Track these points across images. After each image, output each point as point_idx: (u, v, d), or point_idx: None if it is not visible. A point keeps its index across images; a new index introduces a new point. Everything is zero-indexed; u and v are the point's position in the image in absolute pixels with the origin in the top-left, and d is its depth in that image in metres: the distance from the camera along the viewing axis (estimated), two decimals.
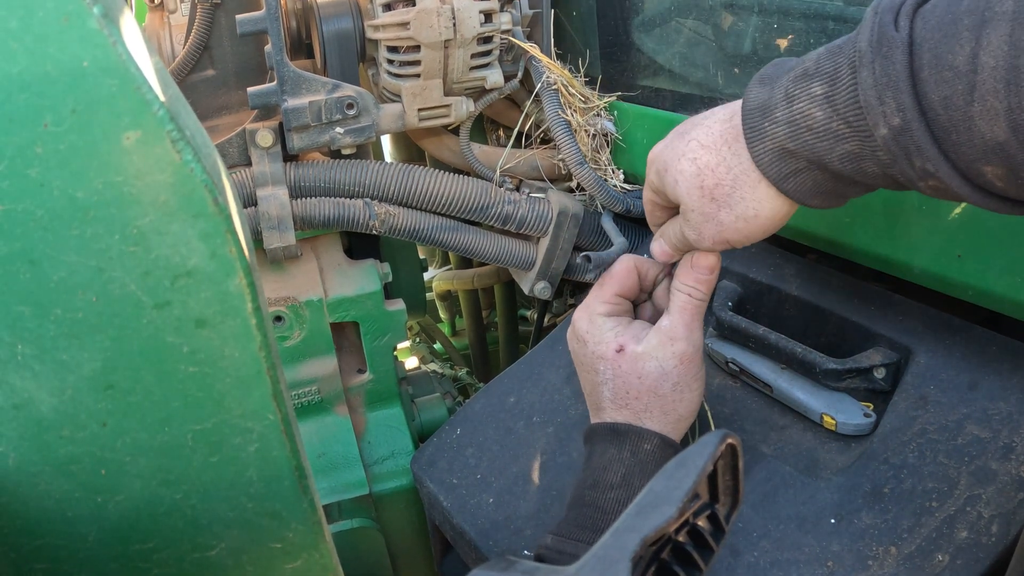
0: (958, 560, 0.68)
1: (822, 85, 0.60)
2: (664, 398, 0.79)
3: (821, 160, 0.62)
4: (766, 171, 0.65)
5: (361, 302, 1.20)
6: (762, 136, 0.64)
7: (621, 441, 0.78)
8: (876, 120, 0.56)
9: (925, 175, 0.56)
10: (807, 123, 0.61)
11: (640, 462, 0.76)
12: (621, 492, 0.75)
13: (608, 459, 0.78)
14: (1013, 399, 0.74)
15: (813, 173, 0.64)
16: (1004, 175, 0.53)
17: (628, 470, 0.76)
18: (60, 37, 0.46)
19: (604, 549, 0.50)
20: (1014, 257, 0.71)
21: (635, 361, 0.80)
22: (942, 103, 0.53)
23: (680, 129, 0.73)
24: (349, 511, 1.21)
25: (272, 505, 0.64)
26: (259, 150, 1.12)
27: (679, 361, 0.79)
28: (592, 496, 0.76)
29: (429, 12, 1.06)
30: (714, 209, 0.69)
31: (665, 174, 0.72)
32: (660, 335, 0.80)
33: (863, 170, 0.61)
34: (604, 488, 0.76)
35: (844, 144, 0.60)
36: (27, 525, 0.59)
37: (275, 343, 0.60)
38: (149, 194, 0.50)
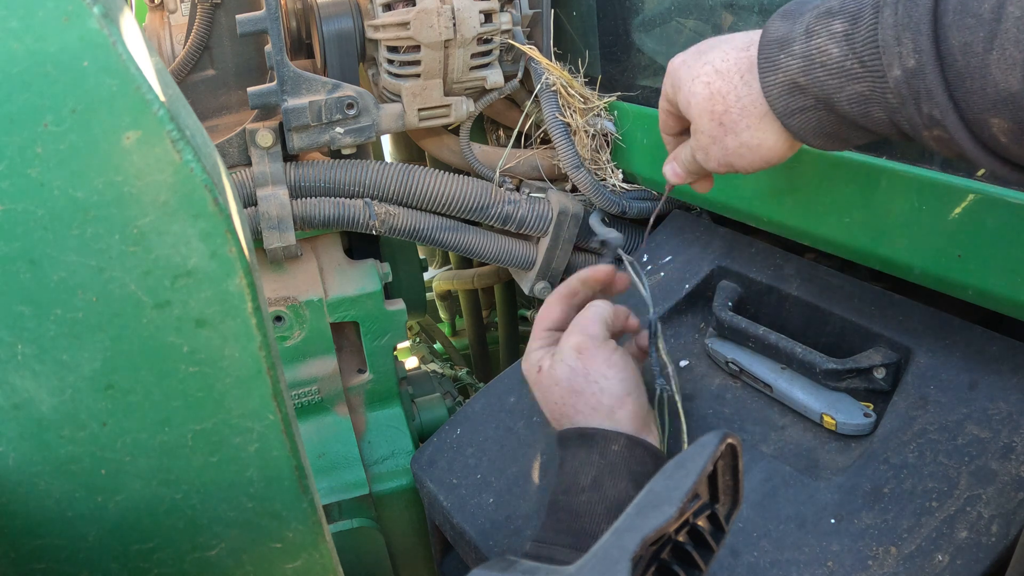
0: (958, 560, 0.68)
1: (843, 23, 0.60)
2: (582, 394, 0.81)
3: (830, 99, 0.62)
4: (774, 104, 0.66)
5: (361, 302, 1.20)
6: (775, 68, 0.65)
7: (590, 445, 0.79)
8: (891, 60, 0.56)
9: (931, 123, 0.56)
10: (822, 59, 0.61)
11: (609, 463, 0.77)
12: (592, 494, 0.76)
13: (579, 463, 0.78)
14: (1013, 399, 0.74)
15: (819, 112, 0.64)
16: (1010, 129, 0.53)
17: (598, 472, 0.77)
18: (60, 37, 0.46)
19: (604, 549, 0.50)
20: (1014, 257, 0.71)
21: (550, 372, 0.84)
22: (961, 48, 0.53)
23: (700, 47, 0.73)
24: (349, 511, 1.21)
25: (272, 505, 0.64)
26: (259, 150, 1.12)
27: (577, 352, 0.82)
28: (565, 500, 0.77)
29: (429, 12, 1.06)
30: (721, 133, 0.71)
31: (679, 91, 0.74)
32: (563, 338, 0.85)
33: (869, 114, 0.61)
34: (576, 492, 0.77)
35: (855, 84, 0.60)
36: (27, 525, 0.59)
37: (275, 343, 0.60)
38: (149, 194, 0.50)
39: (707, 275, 1.03)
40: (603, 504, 0.74)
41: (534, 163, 1.25)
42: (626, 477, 0.75)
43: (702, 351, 1.00)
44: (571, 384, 0.81)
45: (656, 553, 0.58)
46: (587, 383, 0.81)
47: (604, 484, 0.76)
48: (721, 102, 0.69)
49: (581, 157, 1.15)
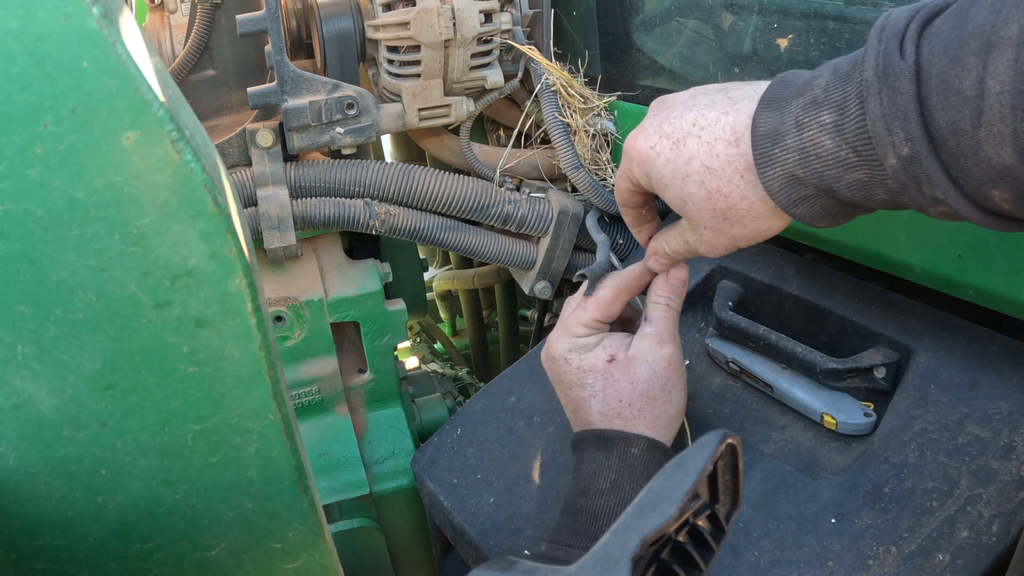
0: (958, 560, 0.68)
1: (831, 114, 0.60)
2: (655, 401, 0.80)
3: (830, 188, 0.62)
4: (776, 196, 0.66)
5: (361, 302, 1.20)
6: (772, 163, 0.64)
7: (609, 447, 0.79)
8: (885, 150, 0.57)
9: (935, 202, 0.57)
10: (816, 151, 0.61)
11: (629, 467, 0.77)
12: (612, 497, 0.76)
13: (597, 465, 0.78)
14: (1014, 398, 0.74)
15: (822, 199, 0.64)
16: (1011, 199, 0.54)
17: (618, 475, 0.77)
18: (60, 37, 0.46)
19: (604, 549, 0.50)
20: (1014, 257, 0.71)
21: (627, 367, 0.81)
22: (950, 128, 0.53)
23: (669, 132, 0.71)
24: (349, 511, 1.21)
25: (272, 505, 0.64)
26: (259, 150, 1.12)
27: (668, 363, 0.81)
28: (584, 503, 0.77)
29: (429, 12, 1.06)
30: (727, 227, 0.70)
31: (665, 188, 0.72)
32: (648, 340, 0.82)
33: (872, 197, 0.61)
34: (595, 494, 0.76)
35: (853, 172, 0.60)
36: (27, 525, 0.59)
37: (275, 343, 0.60)
38: (149, 194, 0.50)
39: (707, 275, 1.03)
40: (623, 507, 0.74)
41: (534, 163, 1.25)
42: (646, 480, 0.74)
43: (702, 351, 1.00)
44: (647, 389, 0.80)
45: (656, 553, 0.58)
46: (663, 393, 0.81)
47: (624, 488, 0.76)
48: (723, 200, 0.68)
49: (581, 157, 1.15)
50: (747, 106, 0.67)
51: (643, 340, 0.82)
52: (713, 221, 0.70)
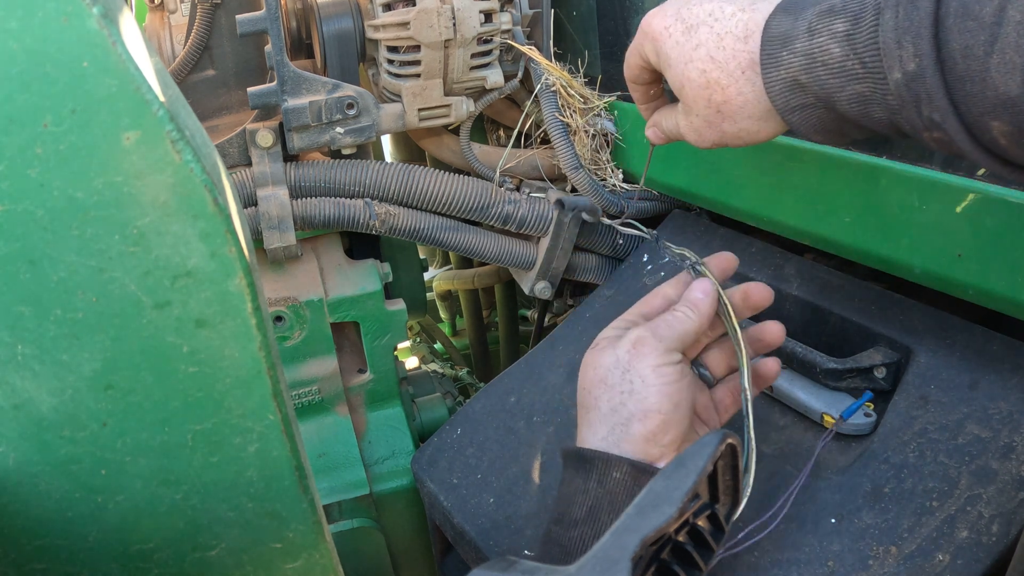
0: (958, 560, 0.68)
1: (845, 23, 0.60)
2: (612, 389, 0.71)
3: (830, 98, 0.62)
4: (775, 100, 0.66)
5: (361, 302, 1.20)
6: (777, 65, 0.65)
7: (588, 469, 0.70)
8: (892, 63, 0.57)
9: (931, 125, 0.57)
10: (823, 58, 0.61)
11: (608, 492, 0.68)
12: (586, 529, 0.68)
13: (574, 490, 0.70)
14: (1013, 398, 0.74)
15: (820, 110, 0.64)
16: (1010, 132, 0.53)
17: (595, 503, 0.68)
18: (60, 37, 0.46)
19: (604, 549, 0.51)
20: (1014, 257, 0.71)
21: (598, 353, 0.74)
22: (961, 52, 0.53)
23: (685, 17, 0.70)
24: (349, 511, 1.21)
25: (272, 505, 0.64)
26: (259, 150, 1.12)
27: (632, 345, 0.72)
28: (557, 532, 0.70)
29: (429, 12, 1.06)
30: (718, 120, 0.70)
31: (668, 68, 0.72)
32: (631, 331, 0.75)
33: (869, 114, 0.61)
34: (568, 524, 0.69)
35: (856, 84, 0.60)
36: (27, 525, 0.59)
37: (275, 343, 0.60)
38: (149, 194, 0.50)
39: None
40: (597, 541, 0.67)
41: (534, 163, 1.25)
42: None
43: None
44: (606, 374, 0.72)
45: (656, 553, 0.58)
46: (621, 379, 0.71)
47: (600, 517, 0.68)
48: (720, 92, 0.69)
49: (581, 157, 1.15)
50: (765, 7, 0.67)
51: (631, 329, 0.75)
52: (706, 111, 0.70)
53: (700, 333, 0.76)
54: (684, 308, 0.75)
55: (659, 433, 0.69)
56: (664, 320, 0.74)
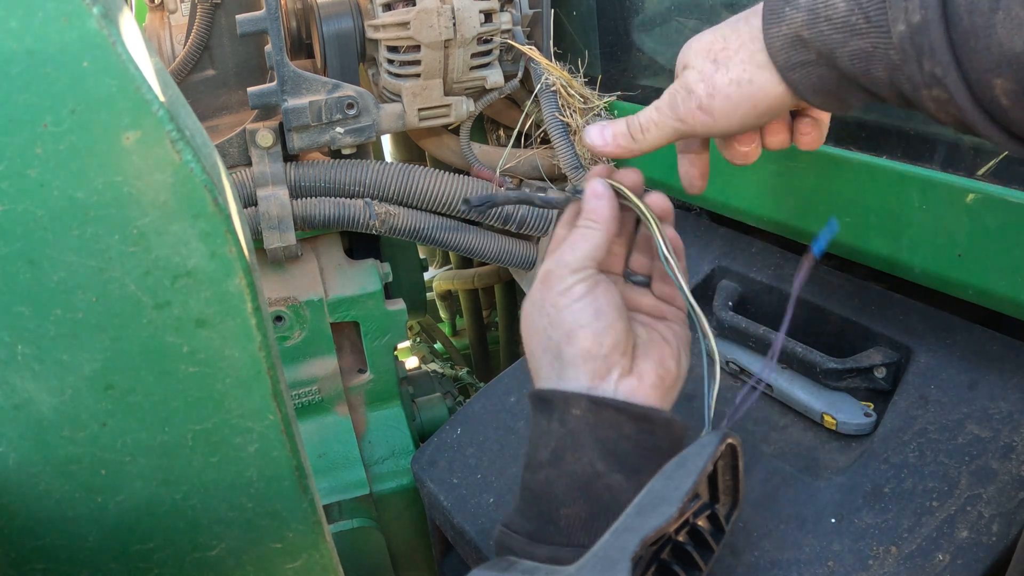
0: (959, 560, 0.68)
1: None
2: (537, 330, 0.71)
3: (832, 54, 0.61)
4: (776, 56, 0.64)
5: (361, 302, 1.21)
6: (780, 19, 0.63)
7: (549, 410, 0.68)
8: (897, 15, 0.56)
9: (932, 81, 0.56)
10: (827, 13, 0.60)
11: (570, 432, 0.66)
12: (551, 471, 0.67)
13: (539, 433, 0.69)
14: (1013, 398, 0.74)
15: (820, 68, 0.63)
16: (1012, 91, 0.53)
17: (558, 443, 0.67)
18: (60, 37, 0.46)
19: (604, 549, 0.51)
20: (1015, 257, 0.71)
21: (524, 306, 0.73)
22: (967, 7, 0.53)
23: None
24: (349, 511, 1.21)
25: (272, 505, 0.64)
26: (259, 150, 1.12)
27: (540, 283, 0.71)
28: (527, 478, 0.69)
29: (429, 12, 1.06)
30: (712, 70, 0.66)
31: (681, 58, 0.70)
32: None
33: (870, 72, 0.60)
34: (535, 467, 0.68)
35: (858, 40, 0.59)
36: (27, 525, 0.59)
37: (275, 343, 0.60)
38: (149, 194, 0.50)
39: (707, 275, 1.03)
40: (563, 481, 0.66)
41: (534, 163, 1.25)
42: (591, 446, 0.66)
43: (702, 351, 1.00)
44: (530, 320, 0.71)
45: (656, 553, 0.58)
46: (539, 317, 0.70)
47: (565, 457, 0.66)
48: (720, 41, 0.67)
49: (581, 157, 1.15)
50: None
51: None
52: (702, 62, 0.67)
53: (609, 239, 0.72)
54: (583, 222, 0.72)
55: (592, 346, 0.67)
56: (566, 244, 0.71)
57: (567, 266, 0.70)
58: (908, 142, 0.80)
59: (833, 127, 0.87)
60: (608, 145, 0.74)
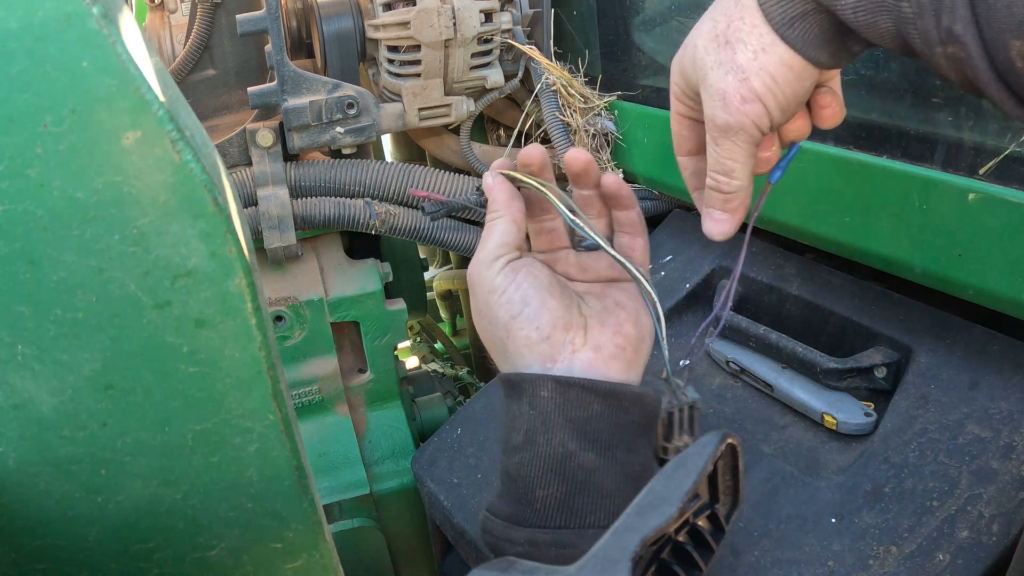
0: (959, 560, 0.68)
1: None
2: (485, 333, 0.72)
3: (834, 3, 0.57)
4: (770, 14, 0.59)
5: (362, 302, 1.20)
6: None
7: (518, 394, 0.68)
8: None
9: (948, 38, 0.52)
10: None
11: (540, 414, 0.66)
12: (526, 454, 0.66)
13: (512, 417, 0.69)
14: (1014, 398, 0.74)
15: (820, 17, 0.58)
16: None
17: (529, 425, 0.66)
18: (60, 37, 0.46)
19: (604, 549, 0.50)
20: (1015, 257, 0.71)
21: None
22: None
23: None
24: (350, 511, 1.21)
25: (272, 505, 0.64)
26: (259, 150, 1.12)
27: (470, 289, 0.73)
28: (504, 462, 0.69)
29: (429, 12, 1.06)
30: (730, 54, 0.61)
31: (683, 57, 0.66)
32: None
33: (876, 24, 0.55)
34: (510, 451, 0.68)
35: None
36: (27, 525, 0.59)
37: (275, 343, 0.60)
38: (149, 194, 0.50)
39: (707, 275, 1.03)
40: (537, 463, 0.66)
41: None
42: (562, 427, 0.65)
43: (702, 351, 1.00)
44: (478, 327, 0.73)
45: (656, 553, 0.58)
46: (480, 319, 0.71)
47: (537, 440, 0.66)
48: (723, 19, 0.62)
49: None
50: None
51: None
52: (717, 52, 0.62)
53: (516, 222, 0.72)
54: (487, 215, 0.73)
55: (529, 333, 0.68)
56: (479, 243, 0.72)
57: (481, 263, 0.70)
58: (908, 142, 0.80)
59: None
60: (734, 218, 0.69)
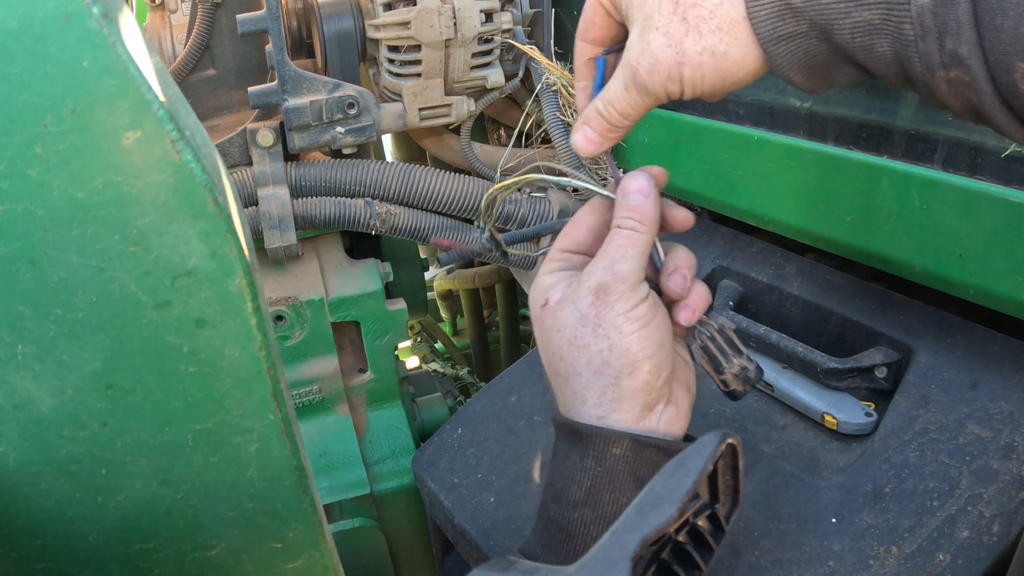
0: (959, 560, 0.68)
1: None
2: (587, 350, 0.64)
3: (828, 25, 0.55)
4: (759, 28, 0.56)
5: (362, 301, 1.21)
6: None
7: (584, 447, 0.64)
8: None
9: (952, 61, 0.51)
10: None
11: (608, 471, 0.63)
12: (587, 511, 0.63)
13: (570, 467, 0.65)
14: (1014, 398, 0.74)
15: (810, 41, 0.56)
16: None
17: (593, 482, 0.63)
18: (60, 37, 0.46)
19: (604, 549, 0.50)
20: (1015, 256, 0.71)
21: (557, 312, 0.66)
22: None
23: None
24: (350, 511, 1.21)
25: (272, 505, 0.64)
26: (260, 150, 1.12)
27: (595, 296, 0.63)
28: (556, 512, 0.65)
29: (430, 11, 1.06)
30: (681, 32, 0.58)
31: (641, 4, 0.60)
32: (580, 276, 0.66)
33: (872, 47, 0.54)
34: (567, 504, 0.64)
35: (864, 11, 0.53)
36: (27, 525, 0.59)
37: (275, 343, 0.60)
38: (149, 194, 0.50)
39: (708, 275, 1.03)
40: (600, 523, 0.63)
41: (535, 162, 1.25)
42: (630, 486, 0.63)
43: None
44: (575, 335, 0.64)
45: (656, 553, 0.58)
46: (595, 338, 0.63)
47: (602, 498, 0.63)
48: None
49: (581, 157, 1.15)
50: None
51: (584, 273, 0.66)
52: (669, 20, 0.58)
53: (653, 242, 0.66)
54: (627, 222, 0.65)
55: (652, 379, 0.64)
56: (614, 249, 0.64)
57: (625, 280, 0.63)
58: (908, 142, 0.80)
59: (833, 127, 0.87)
60: (603, 144, 0.67)
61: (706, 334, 0.68)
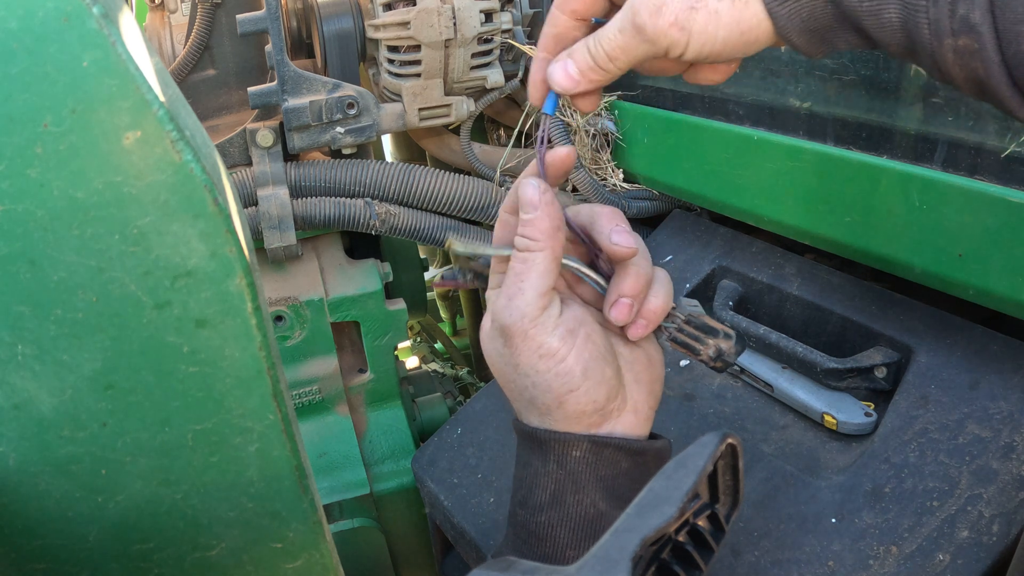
0: (959, 560, 0.68)
1: None
2: (515, 385, 0.64)
3: None
4: None
5: (362, 302, 1.21)
6: None
7: (544, 451, 0.64)
8: None
9: (963, 27, 0.49)
10: None
11: (570, 473, 0.62)
12: (553, 514, 0.63)
13: (533, 472, 0.65)
14: (1014, 398, 0.74)
15: (816, 2, 0.53)
16: None
17: (557, 486, 0.63)
18: (60, 37, 0.46)
19: (604, 549, 0.50)
20: (1015, 257, 0.71)
21: (484, 343, 0.66)
22: None
23: None
24: (350, 511, 1.21)
25: (272, 505, 0.64)
26: (260, 150, 1.12)
27: (504, 339, 0.62)
28: (523, 516, 0.65)
29: (430, 12, 1.06)
30: None
31: None
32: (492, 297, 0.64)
33: (879, 12, 0.52)
34: (534, 508, 0.64)
35: None
36: (27, 525, 0.59)
37: (275, 343, 0.60)
38: (149, 194, 0.50)
39: (707, 274, 1.03)
40: (566, 524, 0.63)
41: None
42: (593, 486, 0.62)
43: None
44: (501, 372, 0.64)
45: (656, 553, 0.58)
46: (517, 376, 0.62)
47: (566, 500, 0.63)
48: None
49: (581, 157, 1.15)
50: None
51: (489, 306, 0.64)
52: None
53: (558, 260, 0.62)
54: (520, 241, 0.62)
55: (584, 407, 0.62)
56: (511, 282, 0.61)
57: (525, 317, 0.60)
58: (908, 142, 0.80)
59: (833, 127, 0.87)
60: (580, 84, 0.61)
61: (673, 327, 0.66)
